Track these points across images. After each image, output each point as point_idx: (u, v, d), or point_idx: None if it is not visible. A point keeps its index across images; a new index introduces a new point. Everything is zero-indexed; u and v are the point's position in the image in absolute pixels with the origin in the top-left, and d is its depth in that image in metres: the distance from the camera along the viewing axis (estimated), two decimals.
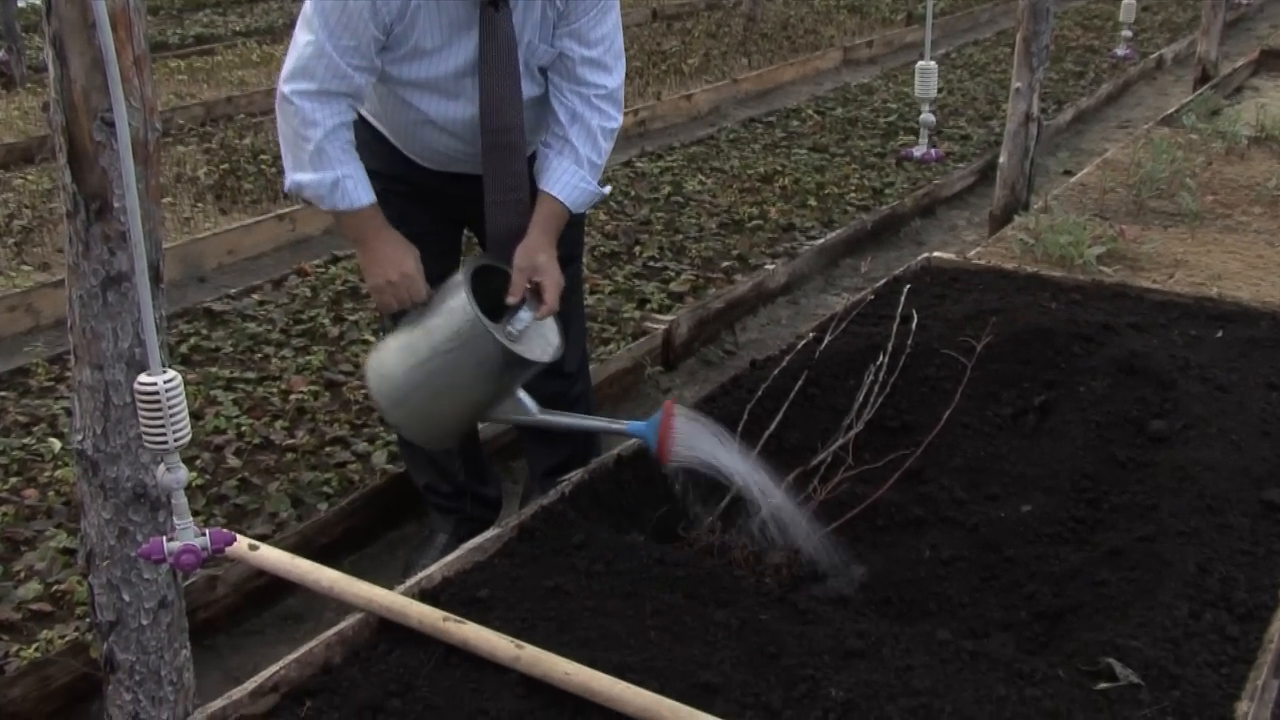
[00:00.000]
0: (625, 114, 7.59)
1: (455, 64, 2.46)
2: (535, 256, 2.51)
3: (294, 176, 2.43)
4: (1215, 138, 5.89)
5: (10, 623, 2.71)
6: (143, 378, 1.65)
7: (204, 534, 1.79)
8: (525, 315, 2.49)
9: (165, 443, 1.67)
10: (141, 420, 1.67)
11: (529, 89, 2.53)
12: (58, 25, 1.72)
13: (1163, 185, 5.06)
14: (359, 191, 2.46)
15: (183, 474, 1.72)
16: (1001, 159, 5.02)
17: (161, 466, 1.71)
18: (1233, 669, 1.98)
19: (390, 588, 2.15)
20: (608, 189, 2.69)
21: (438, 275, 2.52)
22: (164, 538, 1.77)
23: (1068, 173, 6.15)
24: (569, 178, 2.55)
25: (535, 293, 2.52)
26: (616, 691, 1.83)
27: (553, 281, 2.51)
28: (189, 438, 1.69)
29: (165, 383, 1.65)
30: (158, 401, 1.65)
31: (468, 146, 2.57)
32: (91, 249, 1.80)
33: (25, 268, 4.97)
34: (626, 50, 2.67)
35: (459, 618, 2.01)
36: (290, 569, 2.14)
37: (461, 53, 2.45)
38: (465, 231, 2.95)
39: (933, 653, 2.02)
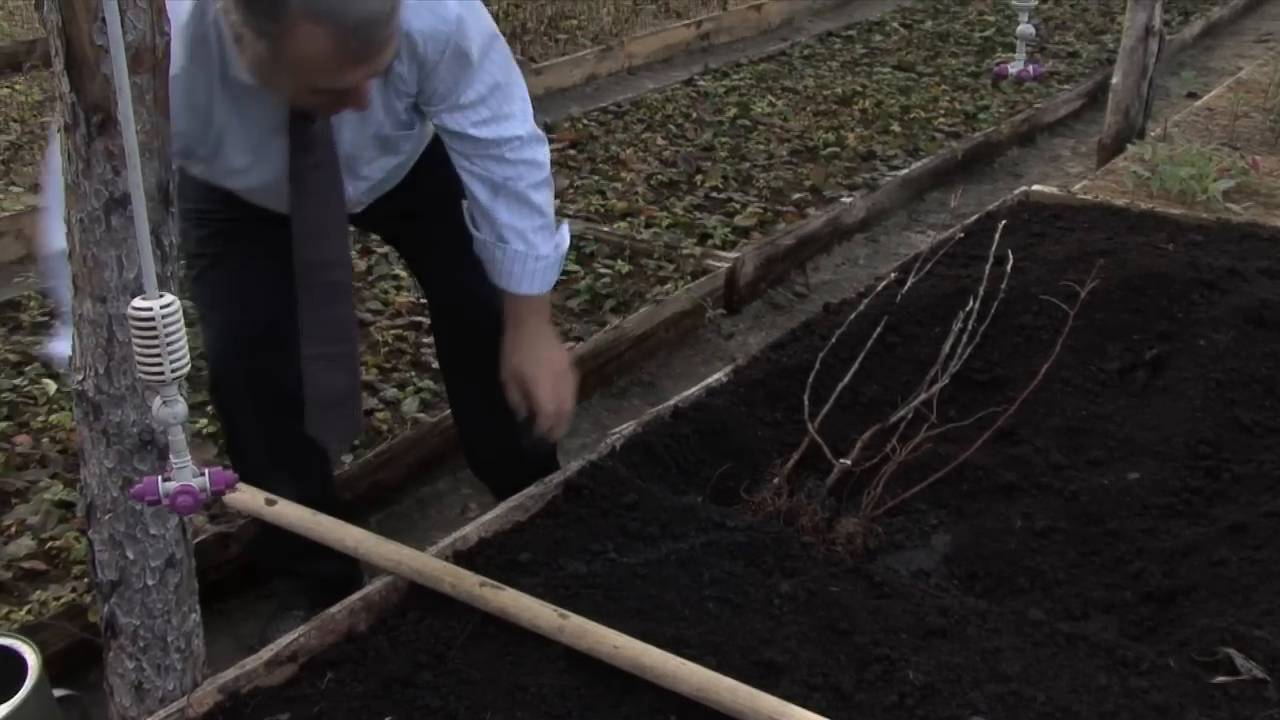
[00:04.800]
0: (688, 26, 7.67)
1: (267, 176, 2.31)
2: (519, 363, 2.48)
3: None
4: None
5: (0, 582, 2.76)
6: (137, 301, 1.67)
7: (202, 474, 1.81)
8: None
9: (161, 375, 1.69)
10: (136, 349, 1.69)
11: (383, 162, 2.43)
12: None
13: None
14: None
15: (181, 408, 1.74)
16: (1115, 79, 4.93)
17: (157, 399, 1.73)
18: None
19: (421, 549, 2.18)
20: (565, 241, 2.50)
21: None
22: (159, 478, 1.79)
23: (1192, 95, 6.03)
24: (520, 266, 2.44)
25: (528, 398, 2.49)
26: (670, 668, 1.85)
27: (546, 385, 2.48)
28: (188, 369, 1.71)
29: (162, 308, 1.66)
30: (153, 328, 1.67)
31: None
32: (93, 167, 1.81)
33: (15, 189, 5.00)
34: None
35: (497, 583, 2.04)
36: (311, 527, 2.17)
37: (272, 164, 2.29)
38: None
39: (1024, 634, 2.02)
